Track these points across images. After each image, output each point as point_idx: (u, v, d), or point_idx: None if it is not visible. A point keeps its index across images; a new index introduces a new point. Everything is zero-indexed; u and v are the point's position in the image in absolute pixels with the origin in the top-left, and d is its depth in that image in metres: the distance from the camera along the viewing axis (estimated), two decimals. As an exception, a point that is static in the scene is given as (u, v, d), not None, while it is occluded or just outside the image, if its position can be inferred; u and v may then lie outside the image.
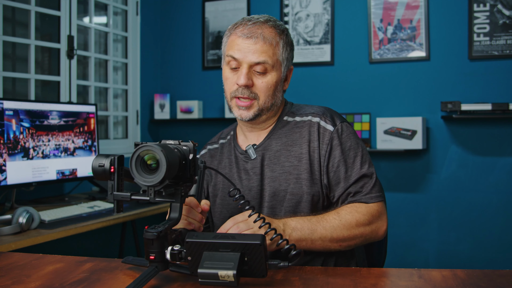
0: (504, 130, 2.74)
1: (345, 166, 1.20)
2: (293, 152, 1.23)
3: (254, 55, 1.18)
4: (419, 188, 2.90)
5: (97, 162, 0.88)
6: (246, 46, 1.18)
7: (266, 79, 1.20)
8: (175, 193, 0.90)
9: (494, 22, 2.74)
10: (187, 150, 0.90)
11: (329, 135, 1.22)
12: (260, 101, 1.21)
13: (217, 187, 1.33)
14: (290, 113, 1.30)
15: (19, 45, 2.50)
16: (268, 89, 1.21)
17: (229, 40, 1.23)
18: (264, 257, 0.80)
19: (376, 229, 1.18)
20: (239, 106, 1.21)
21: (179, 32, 3.46)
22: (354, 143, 1.23)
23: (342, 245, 1.14)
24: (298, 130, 1.25)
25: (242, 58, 1.19)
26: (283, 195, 1.22)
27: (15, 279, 0.93)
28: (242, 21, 1.23)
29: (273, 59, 1.20)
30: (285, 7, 3.19)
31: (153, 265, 0.87)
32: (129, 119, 3.27)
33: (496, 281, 0.88)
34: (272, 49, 1.19)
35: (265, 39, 1.19)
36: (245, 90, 1.20)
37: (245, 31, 1.19)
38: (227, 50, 1.23)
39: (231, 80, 1.22)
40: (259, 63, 1.18)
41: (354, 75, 3.02)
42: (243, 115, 1.22)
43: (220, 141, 1.41)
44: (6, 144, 1.96)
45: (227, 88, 1.25)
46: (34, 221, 1.66)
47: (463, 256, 2.81)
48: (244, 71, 1.18)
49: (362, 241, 1.16)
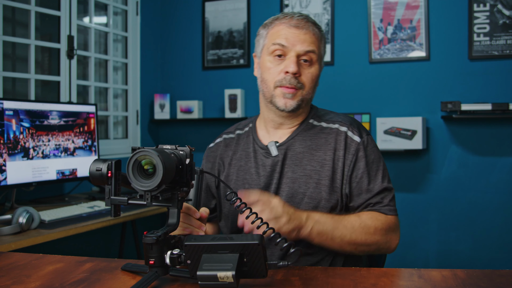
0: (504, 130, 2.74)
1: (368, 178, 1.21)
2: (317, 156, 1.23)
3: (303, 44, 1.19)
4: (419, 188, 2.90)
5: (95, 166, 0.89)
6: (296, 35, 1.20)
7: (311, 70, 1.22)
8: (172, 198, 0.90)
9: (494, 22, 2.74)
10: (183, 155, 0.90)
11: (355, 146, 1.22)
12: (305, 92, 1.22)
13: (230, 178, 1.32)
14: (316, 117, 1.30)
15: (19, 45, 2.50)
16: (312, 80, 1.22)
17: (273, 30, 1.24)
18: (263, 257, 0.80)
19: (390, 241, 1.19)
20: (285, 93, 1.21)
21: (179, 32, 3.46)
22: (377, 157, 1.25)
23: (358, 249, 1.15)
24: (324, 136, 1.25)
25: (291, 46, 1.19)
26: (300, 198, 1.21)
27: (15, 279, 0.93)
28: (287, 15, 1.24)
29: (319, 51, 1.23)
30: (285, 7, 3.19)
31: (153, 270, 0.87)
32: (129, 119, 3.27)
33: (496, 281, 0.88)
34: (317, 42, 1.22)
35: (313, 31, 1.22)
36: (293, 79, 1.20)
37: (293, 22, 1.21)
38: (273, 39, 1.23)
39: (275, 69, 1.22)
40: (308, 52, 1.20)
41: (354, 75, 3.02)
42: (288, 104, 1.21)
43: (237, 131, 1.39)
44: (6, 144, 1.96)
45: (269, 78, 1.24)
46: (34, 221, 1.66)
47: (463, 256, 2.81)
48: (293, 59, 1.19)
49: (375, 249, 1.17)
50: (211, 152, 1.40)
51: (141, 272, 0.96)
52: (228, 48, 3.33)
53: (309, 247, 1.20)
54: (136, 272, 0.97)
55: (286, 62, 1.20)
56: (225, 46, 3.34)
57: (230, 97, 3.19)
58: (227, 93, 3.20)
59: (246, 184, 1.28)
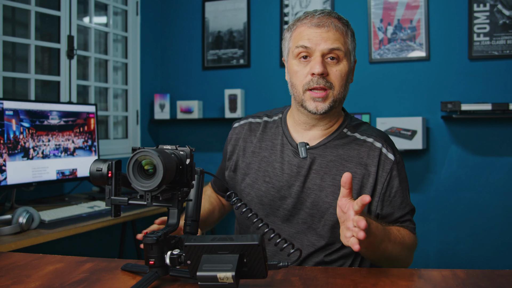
0: (504, 130, 2.74)
1: (401, 197, 1.21)
2: (348, 168, 1.19)
3: (327, 42, 1.15)
4: (419, 188, 2.90)
5: (95, 166, 0.89)
6: (318, 34, 1.16)
7: (339, 67, 1.18)
8: (172, 198, 0.90)
9: (494, 22, 2.74)
10: (184, 155, 0.90)
11: (390, 164, 1.20)
12: (335, 91, 1.18)
13: (251, 167, 1.29)
14: (350, 127, 1.27)
15: (19, 45, 2.50)
16: (342, 78, 1.19)
17: (295, 32, 1.21)
18: (263, 257, 0.80)
19: (410, 259, 1.19)
20: (315, 98, 1.17)
21: (179, 32, 3.46)
22: (405, 176, 1.25)
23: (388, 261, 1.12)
24: (357, 148, 1.22)
25: (314, 46, 1.16)
26: (326, 207, 1.18)
27: (15, 279, 0.93)
28: (308, 14, 1.21)
29: (345, 47, 1.18)
30: (285, 7, 3.19)
31: (153, 270, 0.87)
32: (129, 119, 3.27)
33: (496, 281, 0.88)
34: (343, 38, 1.18)
35: (336, 27, 1.17)
36: (321, 80, 1.16)
37: (314, 21, 1.18)
38: (297, 41, 1.19)
39: (302, 72, 1.18)
40: (333, 50, 1.16)
41: (354, 75, 3.01)
42: (319, 107, 1.17)
43: (264, 117, 1.36)
44: (6, 144, 1.96)
45: (298, 82, 1.19)
46: (34, 221, 1.66)
47: (463, 256, 2.81)
48: (318, 59, 1.15)
49: (398, 264, 1.15)
50: (235, 134, 1.37)
51: (141, 272, 0.96)
52: (228, 48, 3.33)
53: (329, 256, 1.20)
54: (136, 272, 0.97)
55: (312, 63, 1.16)
56: (225, 46, 3.34)
57: (230, 97, 3.18)
58: (227, 93, 3.20)
59: (267, 177, 1.25)
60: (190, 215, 1.00)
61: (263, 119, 1.35)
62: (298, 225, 1.21)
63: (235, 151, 1.34)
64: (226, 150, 1.38)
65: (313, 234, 1.20)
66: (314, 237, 1.20)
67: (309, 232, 1.21)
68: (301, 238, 1.21)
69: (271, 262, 0.87)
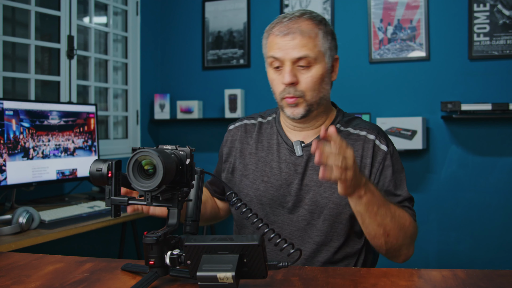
0: (504, 130, 2.74)
1: (394, 186, 1.20)
2: None
3: (294, 51, 1.15)
4: (419, 188, 2.90)
5: (95, 166, 0.89)
6: (285, 43, 1.16)
7: (311, 73, 1.18)
8: (172, 198, 0.90)
9: (494, 22, 2.74)
10: (184, 155, 0.90)
11: (382, 154, 1.21)
12: (307, 97, 1.18)
13: (248, 168, 1.30)
14: (343, 122, 1.28)
15: (19, 45, 2.50)
16: (314, 84, 1.18)
17: (268, 41, 1.22)
18: (263, 258, 0.80)
19: (410, 246, 1.16)
20: (289, 104, 1.19)
21: (179, 32, 3.46)
22: (401, 167, 1.24)
23: (389, 236, 1.09)
24: (351, 142, 1.23)
25: (283, 56, 1.16)
26: (325, 203, 1.19)
27: (15, 279, 0.93)
28: (278, 20, 1.21)
29: (315, 51, 1.17)
30: (285, 7, 3.19)
31: (153, 270, 0.87)
32: (129, 119, 3.27)
33: (496, 281, 0.88)
34: (312, 41, 1.17)
35: (303, 32, 1.16)
36: (291, 89, 1.17)
37: (282, 28, 1.17)
38: (268, 52, 1.21)
39: (277, 81, 1.20)
40: (301, 58, 1.16)
41: (354, 75, 3.02)
42: (295, 113, 1.19)
43: (259, 118, 1.37)
44: (6, 144, 1.96)
45: (275, 90, 1.22)
46: (34, 221, 1.66)
47: (463, 256, 2.81)
48: (287, 68, 1.16)
49: (397, 247, 1.13)
50: (230, 136, 1.38)
51: (141, 272, 0.96)
52: (228, 48, 3.33)
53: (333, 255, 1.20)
54: (136, 272, 0.97)
55: (282, 72, 1.18)
56: (225, 46, 3.34)
57: (230, 97, 3.18)
58: (227, 93, 3.20)
59: (265, 176, 1.26)
60: (190, 215, 1.00)
61: (258, 120, 1.37)
62: (298, 222, 1.22)
63: (232, 153, 1.35)
64: (222, 152, 1.39)
65: (313, 230, 1.21)
66: (315, 233, 1.21)
67: (309, 229, 1.21)
68: (301, 235, 1.21)
69: (271, 262, 0.87)
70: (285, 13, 1.22)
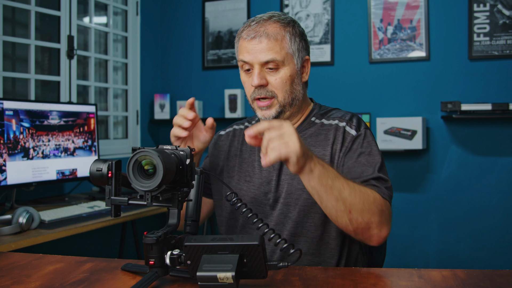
0: (504, 130, 2.74)
1: (361, 168, 1.17)
2: (316, 152, 1.23)
3: (261, 54, 1.18)
4: (419, 188, 2.90)
5: (95, 166, 0.89)
6: (253, 47, 1.19)
7: (279, 75, 1.20)
8: (172, 198, 0.90)
9: (494, 22, 2.74)
10: (184, 155, 0.90)
11: (351, 139, 1.22)
12: (279, 98, 1.21)
13: (234, 169, 1.33)
14: (318, 115, 1.30)
15: (19, 45, 2.50)
16: (283, 84, 1.20)
17: (238, 45, 1.25)
18: (263, 258, 0.80)
19: (383, 225, 1.09)
20: (261, 107, 1.22)
21: (179, 32, 3.46)
22: (375, 150, 1.21)
23: (351, 213, 1.04)
24: (324, 133, 1.25)
25: (251, 60, 1.19)
26: (299, 194, 1.21)
27: (15, 279, 0.94)
28: (247, 23, 1.24)
29: (281, 53, 1.19)
30: (285, 7, 3.19)
31: (153, 270, 0.87)
32: (129, 119, 3.27)
33: (496, 281, 0.88)
34: (278, 44, 1.18)
35: (269, 35, 1.18)
36: (262, 90, 1.20)
37: (249, 32, 1.20)
38: (239, 56, 1.24)
39: (248, 83, 1.23)
40: (268, 61, 1.18)
41: (354, 75, 3.02)
42: (266, 115, 1.22)
43: (245, 123, 1.42)
44: (6, 144, 1.96)
45: (246, 92, 1.25)
46: (34, 221, 1.66)
47: (463, 256, 2.81)
48: (256, 71, 1.19)
49: (365, 224, 1.06)
50: (220, 140, 1.42)
51: (141, 272, 0.96)
52: (228, 48, 3.33)
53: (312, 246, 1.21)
54: (136, 272, 0.97)
55: (251, 75, 1.21)
56: (225, 46, 3.34)
57: (230, 97, 3.19)
58: (227, 93, 3.20)
59: (247, 176, 1.30)
60: (190, 215, 1.00)
61: (245, 124, 1.41)
62: (276, 217, 1.24)
63: (220, 156, 1.38)
64: (210, 148, 1.43)
65: (289, 222, 1.22)
66: (290, 225, 1.22)
67: (286, 222, 1.22)
68: (280, 229, 1.23)
69: (271, 262, 0.87)
70: (254, 17, 1.25)
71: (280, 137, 0.95)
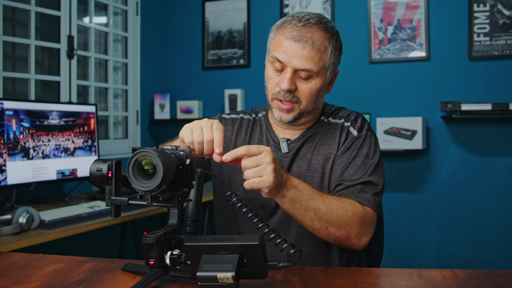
0: (504, 130, 2.74)
1: (353, 170, 1.18)
2: (322, 151, 1.24)
3: (300, 61, 1.13)
4: (419, 188, 2.90)
5: (95, 166, 0.89)
6: (293, 50, 1.14)
7: (310, 84, 1.17)
8: (172, 198, 0.90)
9: (494, 22, 2.74)
10: (184, 155, 0.90)
11: (351, 139, 1.23)
12: (302, 105, 1.19)
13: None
14: (327, 114, 1.31)
15: (19, 45, 2.50)
16: (311, 95, 1.18)
17: (275, 39, 1.19)
18: (263, 258, 0.80)
19: (363, 234, 1.11)
20: (280, 108, 1.19)
21: (179, 32, 3.46)
22: (372, 153, 1.22)
23: (328, 230, 1.07)
24: (331, 131, 1.26)
25: (287, 62, 1.15)
26: None
27: (15, 279, 0.93)
28: (292, 20, 1.17)
29: (319, 65, 1.15)
30: (285, 7, 3.19)
31: (153, 270, 0.87)
32: (129, 119, 3.27)
33: (496, 281, 0.88)
34: (319, 55, 1.15)
35: (314, 44, 1.13)
36: (287, 94, 1.17)
37: (294, 33, 1.14)
38: (273, 50, 1.19)
39: (274, 80, 1.19)
40: (304, 70, 1.15)
41: (354, 75, 3.02)
42: (283, 118, 1.20)
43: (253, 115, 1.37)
44: (6, 144, 1.96)
45: (269, 88, 1.22)
46: (34, 221, 1.66)
47: (463, 256, 2.81)
48: (288, 75, 1.15)
49: (344, 237, 1.10)
50: (224, 124, 1.38)
51: (141, 273, 0.96)
52: (228, 48, 3.33)
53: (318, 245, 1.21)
54: (136, 272, 0.97)
55: (282, 77, 1.16)
56: (225, 46, 3.34)
57: (230, 97, 3.18)
58: (227, 93, 3.20)
59: None
60: (190, 215, 1.00)
61: (252, 116, 1.38)
62: (281, 214, 1.24)
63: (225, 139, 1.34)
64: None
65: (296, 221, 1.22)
66: (298, 223, 1.21)
67: (293, 220, 1.22)
68: (286, 227, 1.23)
69: (271, 263, 0.87)
70: (301, 15, 1.19)
71: (255, 166, 0.96)
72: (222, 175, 1.33)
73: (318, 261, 1.23)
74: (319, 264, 1.23)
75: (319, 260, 1.23)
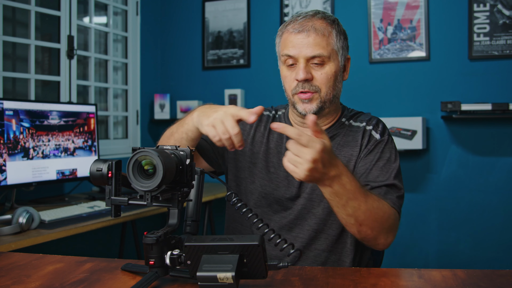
0: (504, 130, 2.74)
1: (377, 172, 1.20)
2: (343, 152, 1.25)
3: (308, 49, 1.17)
4: (419, 188, 2.90)
5: (95, 166, 0.89)
6: (300, 41, 1.18)
7: (324, 70, 1.19)
8: (172, 198, 0.90)
9: (494, 22, 2.74)
10: (184, 155, 0.90)
11: (374, 142, 1.24)
12: (322, 93, 1.20)
13: (257, 156, 1.31)
14: (348, 116, 1.32)
15: (19, 45, 2.50)
16: (328, 80, 1.20)
17: (282, 39, 1.24)
18: (263, 258, 0.80)
19: (388, 236, 1.13)
20: (302, 99, 1.20)
21: (179, 32, 3.46)
22: (394, 157, 1.24)
23: (361, 227, 1.07)
24: (352, 134, 1.27)
25: (297, 54, 1.18)
26: None
27: (15, 279, 0.93)
28: (292, 18, 1.23)
29: (328, 49, 1.19)
30: (285, 7, 3.19)
31: (153, 270, 0.87)
32: (129, 119, 3.27)
33: (496, 281, 0.88)
34: (325, 40, 1.19)
35: (317, 30, 1.18)
36: (306, 84, 1.19)
37: (296, 26, 1.19)
38: (282, 50, 1.22)
39: (290, 77, 1.22)
40: (315, 56, 1.18)
41: (354, 75, 3.01)
42: (307, 109, 1.20)
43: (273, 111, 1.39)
44: (6, 144, 1.96)
45: (287, 87, 1.24)
46: (34, 221, 1.66)
47: (463, 256, 2.81)
48: (301, 65, 1.18)
49: (372, 237, 1.10)
50: None
51: (141, 273, 0.96)
52: (228, 48, 3.33)
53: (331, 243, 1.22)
54: (136, 272, 0.97)
55: (296, 69, 1.19)
56: (225, 46, 3.34)
57: (230, 97, 3.18)
58: (227, 93, 3.20)
59: (272, 167, 1.29)
60: (190, 215, 1.00)
61: (272, 112, 1.39)
62: (298, 211, 1.25)
63: (244, 132, 1.34)
64: None
65: (312, 218, 1.24)
66: (313, 221, 1.23)
67: (309, 217, 1.24)
68: (301, 224, 1.24)
69: (271, 262, 0.87)
70: (298, 13, 1.24)
71: (296, 154, 0.94)
72: (238, 169, 1.34)
73: (329, 260, 1.23)
74: (329, 263, 1.24)
75: (330, 260, 1.23)
